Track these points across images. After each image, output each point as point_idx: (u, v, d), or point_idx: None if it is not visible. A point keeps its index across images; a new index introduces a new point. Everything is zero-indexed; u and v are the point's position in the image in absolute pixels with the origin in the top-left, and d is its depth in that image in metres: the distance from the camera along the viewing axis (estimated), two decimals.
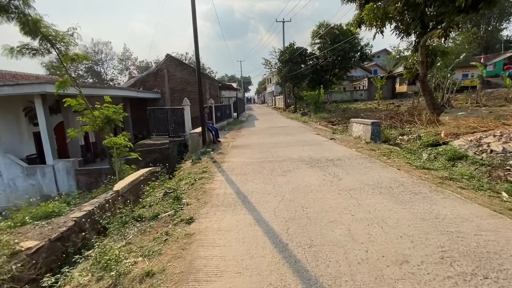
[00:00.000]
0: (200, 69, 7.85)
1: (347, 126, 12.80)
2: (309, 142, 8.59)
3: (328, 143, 8.32)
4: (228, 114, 18.19)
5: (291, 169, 5.31)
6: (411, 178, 4.38)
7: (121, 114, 8.14)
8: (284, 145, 8.13)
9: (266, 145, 8.29)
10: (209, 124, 9.43)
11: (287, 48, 27.60)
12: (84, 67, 63.92)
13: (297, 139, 9.22)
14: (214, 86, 19.53)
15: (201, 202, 3.78)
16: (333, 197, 3.69)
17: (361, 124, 9.13)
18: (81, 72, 63.21)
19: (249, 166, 5.75)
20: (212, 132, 9.34)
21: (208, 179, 4.94)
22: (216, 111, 14.48)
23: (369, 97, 35.43)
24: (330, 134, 10.56)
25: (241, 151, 7.52)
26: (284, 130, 12.50)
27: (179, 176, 5.45)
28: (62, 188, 10.20)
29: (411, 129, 9.88)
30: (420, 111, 12.43)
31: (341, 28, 27.39)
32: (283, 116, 23.88)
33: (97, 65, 64.95)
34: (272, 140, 9.31)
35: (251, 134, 11.65)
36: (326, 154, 6.57)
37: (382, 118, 12.54)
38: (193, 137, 8.08)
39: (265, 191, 4.09)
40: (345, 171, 4.94)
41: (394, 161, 5.69)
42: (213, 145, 8.93)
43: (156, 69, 19.25)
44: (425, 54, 10.35)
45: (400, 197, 3.56)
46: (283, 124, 15.51)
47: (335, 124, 14.74)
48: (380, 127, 8.45)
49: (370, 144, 7.77)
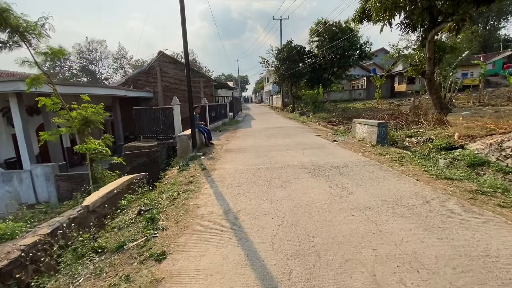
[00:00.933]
0: (189, 64, 7.08)
1: (348, 127, 12.11)
2: (309, 145, 7.86)
3: (331, 146, 7.59)
4: (223, 114, 17.41)
5: (291, 179, 4.57)
6: (434, 191, 3.67)
7: (101, 115, 7.33)
8: (283, 149, 7.39)
9: (262, 149, 7.55)
10: (201, 126, 8.66)
11: (285, 46, 26.85)
12: (78, 66, 62.72)
13: (297, 142, 8.49)
14: (209, 84, 18.72)
15: (180, 226, 3.02)
16: (346, 219, 2.96)
17: (365, 125, 8.42)
18: (75, 71, 61.96)
19: (243, 174, 5.00)
20: (204, 134, 8.58)
21: (194, 192, 4.18)
22: (210, 110, 13.70)
23: (367, 96, 34.90)
24: (331, 136, 9.85)
25: (235, 156, 6.76)
26: (282, 131, 11.77)
27: (160, 188, 4.68)
28: (41, 195, 9.36)
29: (418, 130, 9.21)
30: (425, 111, 11.77)
31: (340, 26, 26.70)
32: (280, 116, 23.16)
33: (91, 63, 63.70)
34: (269, 143, 8.57)
35: (247, 135, 10.90)
36: (330, 159, 5.85)
37: (386, 118, 11.86)
38: (182, 140, 7.31)
39: (261, 210, 3.35)
40: (355, 182, 4.22)
41: (408, 168, 4.98)
42: (205, 148, 8.17)
43: (148, 67, 18.40)
44: (433, 50, 9.67)
45: (429, 220, 2.84)
46: (281, 125, 14.78)
47: (335, 124, 14.05)
48: (387, 128, 7.75)
49: (377, 147, 7.07)
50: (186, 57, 7.00)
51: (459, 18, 7.90)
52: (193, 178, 5.01)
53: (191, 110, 7.12)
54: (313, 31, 27.95)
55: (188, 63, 7.08)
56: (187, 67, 7.04)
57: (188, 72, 7.00)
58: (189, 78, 6.99)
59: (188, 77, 6.98)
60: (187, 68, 7.02)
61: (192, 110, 7.14)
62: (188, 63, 7.06)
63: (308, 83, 27.74)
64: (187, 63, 7.04)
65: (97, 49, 63.14)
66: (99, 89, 12.35)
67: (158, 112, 8.81)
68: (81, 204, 4.39)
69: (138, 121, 9.27)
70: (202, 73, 19.69)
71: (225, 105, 18.90)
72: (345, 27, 26.34)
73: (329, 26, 26.52)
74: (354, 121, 9.32)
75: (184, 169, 5.79)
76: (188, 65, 7.04)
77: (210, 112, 13.47)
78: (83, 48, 61.65)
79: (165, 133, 8.79)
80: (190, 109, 7.11)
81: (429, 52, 9.69)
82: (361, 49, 27.30)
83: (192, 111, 7.13)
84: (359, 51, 27.30)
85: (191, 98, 7.04)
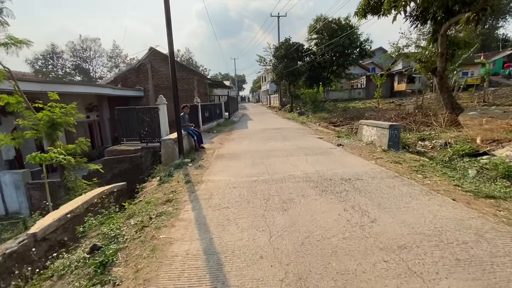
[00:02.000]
0: (173, 55, 6.13)
1: (352, 128, 11.26)
2: (312, 149, 6.96)
3: (337, 151, 6.70)
4: (218, 114, 16.46)
5: (294, 196, 3.67)
6: (484, 219, 2.79)
7: (74, 116, 6.35)
8: (282, 154, 6.48)
9: (259, 154, 6.64)
10: (190, 128, 7.72)
11: (283, 43, 25.97)
12: (71, 65, 61.31)
13: (298, 145, 7.59)
14: (203, 83, 17.74)
15: (140, 280, 2.10)
16: (377, 270, 2.06)
17: (374, 127, 7.55)
18: (68, 69, 60.50)
19: (235, 190, 4.08)
20: (194, 137, 7.64)
21: (170, 217, 3.25)
22: (204, 110, 12.76)
23: (367, 95, 34.23)
24: (335, 138, 8.97)
25: (227, 164, 5.84)
26: (281, 132, 10.86)
27: (130, 210, 3.74)
28: (11, 206, 8.35)
29: (430, 133, 8.38)
30: (434, 111, 10.96)
31: (340, 23, 25.85)
32: (278, 115, 22.27)
33: (85, 62, 62.30)
34: (267, 147, 7.65)
35: (242, 137, 9.98)
36: (339, 169, 4.95)
37: (392, 119, 11.03)
38: (167, 145, 6.36)
39: (256, 249, 2.43)
40: (376, 202, 3.33)
41: (435, 182, 4.10)
42: (194, 154, 7.23)
43: (139, 64, 17.37)
44: (445, 44, 8.84)
45: (500, 275, 1.95)
46: (279, 125, 13.88)
47: (337, 125, 13.19)
48: (400, 131, 6.89)
49: (389, 153, 6.20)
50: (170, 46, 6.05)
51: (480, 7, 7.06)
52: (174, 194, 4.07)
53: (177, 110, 6.18)
54: (312, 28, 27.05)
55: (173, 53, 6.13)
56: (172, 56, 6.09)
57: (173, 65, 6.06)
58: (174, 72, 6.05)
59: (173, 71, 6.04)
60: (172, 59, 6.07)
61: (177, 110, 6.19)
62: (172, 52, 6.11)
63: (307, 82, 26.87)
64: (171, 52, 6.09)
65: (91, 47, 61.90)
66: (81, 87, 11.32)
67: (141, 112, 7.84)
68: (27, 231, 3.44)
69: (120, 123, 8.29)
70: (195, 71, 18.70)
71: (220, 105, 17.94)
72: (345, 24, 25.51)
73: (329, 23, 25.65)
74: (361, 123, 8.45)
75: (165, 181, 4.85)
76: (172, 53, 6.08)
77: (203, 112, 12.53)
78: (77, 46, 60.35)
79: (150, 136, 7.84)
80: (176, 109, 6.17)
81: (442, 47, 8.85)
82: (361, 47, 26.47)
83: (178, 112, 6.19)
84: (359, 49, 26.47)
85: (176, 96, 6.10)
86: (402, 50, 29.02)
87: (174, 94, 6.08)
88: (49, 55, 56.80)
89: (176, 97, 6.10)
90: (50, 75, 54.48)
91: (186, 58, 64.83)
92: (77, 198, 4.65)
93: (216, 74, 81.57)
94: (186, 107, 7.71)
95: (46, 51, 56.45)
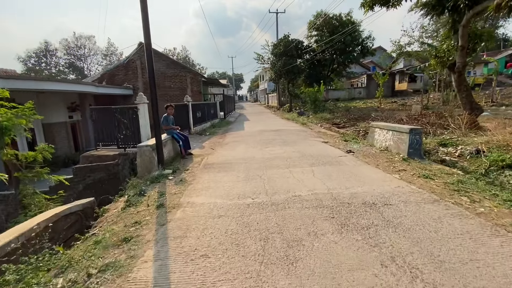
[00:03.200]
0: (150, 40, 4.98)
1: (358, 131, 10.19)
2: (318, 157, 5.88)
3: (348, 160, 5.62)
4: (212, 114, 15.32)
5: (303, 235, 2.58)
6: None
7: (29, 118, 5.18)
8: (283, 164, 5.39)
9: (256, 163, 5.54)
10: (175, 131, 6.59)
11: (281, 40, 24.87)
12: (65, 62, 59.86)
13: (301, 151, 6.51)
14: (196, 80, 16.57)
15: None
16: None
17: (389, 130, 6.49)
18: (61, 67, 59.00)
19: (220, 222, 2.98)
20: (179, 141, 6.52)
21: (117, 276, 2.14)
22: (196, 110, 11.62)
23: (367, 95, 33.32)
24: (341, 143, 7.91)
25: (215, 177, 4.73)
26: (281, 135, 9.77)
27: (66, 258, 2.59)
28: None
29: (451, 137, 7.34)
30: (451, 112, 9.95)
31: (341, 19, 24.82)
32: (277, 116, 21.18)
33: (79, 60, 60.79)
34: (265, 153, 6.56)
35: (237, 141, 8.87)
36: (357, 186, 3.88)
37: (403, 120, 10.00)
38: (143, 153, 5.24)
39: None
40: (425, 250, 2.24)
41: (489, 209, 3.04)
42: (179, 162, 6.12)
43: (127, 60, 16.15)
44: (467, 37, 7.81)
45: None
46: (278, 127, 12.79)
47: (340, 126, 12.14)
48: (422, 136, 5.83)
49: (412, 163, 5.14)
50: (147, 38, 4.92)
51: None
52: (136, 227, 2.96)
53: (155, 110, 5.06)
54: (311, 24, 25.98)
55: (150, 44, 5.00)
56: (148, 47, 4.96)
57: (150, 50, 4.92)
58: (150, 58, 4.92)
59: (149, 58, 4.91)
60: (147, 41, 4.94)
61: (155, 110, 5.06)
62: (149, 44, 4.98)
63: (306, 81, 25.83)
64: (148, 43, 4.96)
65: (85, 45, 60.52)
66: (56, 84, 10.11)
67: (118, 112, 6.69)
68: None
69: (96, 124, 7.14)
70: (189, 68, 17.52)
71: (215, 104, 16.79)
72: (346, 20, 24.48)
73: (329, 19, 24.60)
74: (372, 125, 7.38)
75: (132, 204, 3.73)
76: (148, 34, 4.95)
77: (195, 112, 11.40)
78: (71, 44, 58.99)
79: (129, 141, 6.71)
80: (154, 109, 5.05)
81: (463, 39, 7.82)
82: (362, 44, 25.44)
83: (156, 112, 5.06)
84: (361, 47, 25.44)
85: (154, 92, 4.99)
86: (404, 48, 28.13)
87: (151, 90, 4.97)
88: (42, 52, 55.40)
89: (154, 94, 4.99)
90: (43, 73, 52.99)
91: (183, 57, 63.55)
92: (13, 229, 3.52)
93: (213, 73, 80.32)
94: (170, 107, 6.58)
95: (39, 49, 55.05)
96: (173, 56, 55.62)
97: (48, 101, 12.95)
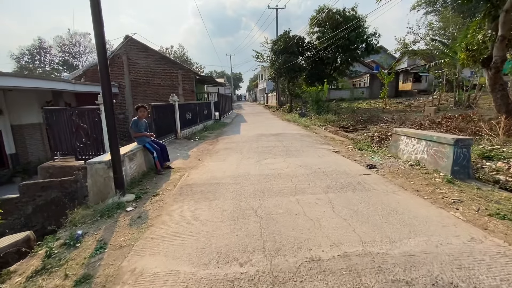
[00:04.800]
0: (105, 47, 3.47)
1: (371, 137, 8.75)
2: (333, 175, 4.46)
3: (374, 180, 4.20)
4: (205, 115, 13.87)
5: None
6: None
7: None
8: (288, 187, 3.96)
9: (250, 186, 4.11)
10: (147, 139, 5.15)
11: (282, 36, 23.45)
12: (59, 60, 58.30)
13: (309, 166, 5.09)
14: (188, 78, 15.08)
15: None
16: None
17: (421, 140, 5.08)
18: (55, 65, 57.38)
19: None
20: (154, 153, 5.07)
21: None
22: (184, 111, 10.16)
23: (370, 95, 32.02)
24: (355, 152, 6.51)
25: (190, 212, 3.29)
26: (282, 141, 8.35)
27: None
28: None
29: (493, 146, 5.95)
30: (480, 115, 8.56)
31: (344, 14, 23.39)
32: (277, 117, 19.75)
33: (74, 58, 59.16)
34: (263, 168, 5.13)
35: (230, 149, 7.44)
36: (406, 237, 2.46)
37: (424, 124, 8.58)
38: (96, 172, 3.79)
39: None
40: None
41: None
42: (152, 179, 4.68)
43: (112, 55, 14.64)
44: (510, 25, 6.44)
45: None
46: (278, 130, 11.36)
47: (349, 130, 10.72)
48: (470, 149, 4.42)
49: (463, 186, 3.74)
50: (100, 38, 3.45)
51: None
52: None
53: (108, 111, 3.59)
54: (313, 20, 24.52)
55: (104, 45, 3.51)
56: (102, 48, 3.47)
57: (101, 34, 3.44)
58: (101, 42, 3.45)
59: (100, 50, 3.43)
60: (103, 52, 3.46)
61: (109, 111, 3.60)
62: (103, 45, 3.50)
63: (308, 80, 24.38)
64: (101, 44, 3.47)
65: (80, 43, 59.02)
66: (23, 80, 8.58)
67: (76, 115, 5.24)
68: None
69: (51, 130, 5.67)
70: (180, 64, 16.02)
71: (209, 104, 15.33)
72: (351, 16, 23.05)
73: (332, 14, 23.16)
74: (397, 132, 5.95)
75: (48, 267, 2.29)
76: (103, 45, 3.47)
77: (183, 113, 9.95)
78: (65, 41, 57.50)
79: (90, 150, 5.27)
80: (106, 106, 3.59)
81: (504, 28, 6.44)
82: (367, 41, 24.01)
83: (109, 113, 3.60)
84: (365, 44, 24.00)
85: (107, 86, 3.53)
86: (410, 46, 26.73)
87: (102, 83, 3.51)
88: (36, 50, 53.95)
89: (107, 88, 3.52)
90: (36, 71, 51.43)
91: (180, 55, 62.02)
92: None
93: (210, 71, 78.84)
94: (142, 109, 5.12)
95: (32, 46, 53.57)
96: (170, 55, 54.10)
97: (18, 100, 11.47)
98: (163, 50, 55.64)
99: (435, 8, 35.74)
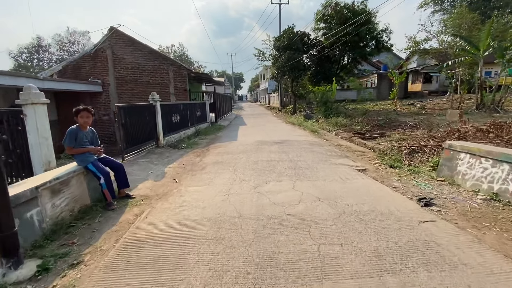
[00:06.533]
0: None
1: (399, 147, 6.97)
2: (375, 222, 2.77)
3: (447, 237, 2.49)
4: (198, 118, 12.18)
5: None
6: None
7: None
8: (306, 258, 2.28)
9: (241, 245, 2.42)
10: (91, 158, 3.47)
11: (285, 32, 21.76)
12: (57, 58, 57.27)
13: (332, 199, 3.40)
14: (181, 75, 13.40)
15: None
16: None
17: (503, 163, 3.37)
18: (54, 64, 56.32)
19: None
20: (100, 178, 3.40)
21: None
22: (169, 113, 8.49)
23: (378, 96, 30.19)
24: (386, 170, 4.81)
25: None
26: (287, 152, 6.65)
27: None
28: None
29: None
30: None
31: (353, 8, 21.64)
32: (279, 119, 18.03)
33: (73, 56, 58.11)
34: (262, 201, 3.44)
35: (221, 163, 5.74)
36: None
37: (469, 133, 6.85)
38: None
39: None
40: None
41: None
42: (93, 221, 3.01)
43: (95, 49, 13.01)
44: None
45: None
46: (282, 136, 9.66)
47: (366, 137, 8.99)
48: None
49: None
50: None
51: None
52: None
53: None
54: (319, 15, 22.81)
55: None
56: None
57: None
58: None
59: None
60: None
61: None
62: None
63: (313, 79, 22.69)
64: None
65: (79, 41, 58.09)
66: None
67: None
68: None
69: None
70: (171, 59, 14.37)
71: (203, 105, 13.64)
72: (360, 10, 21.30)
73: (340, 9, 21.44)
74: (455, 147, 4.20)
75: None
76: None
77: (168, 116, 8.28)
78: (64, 39, 56.64)
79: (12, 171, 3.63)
80: None
81: None
82: (377, 38, 22.24)
83: None
84: (375, 41, 22.22)
85: None
86: (421, 44, 24.88)
87: None
88: (35, 48, 53.10)
89: None
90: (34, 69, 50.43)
91: (180, 54, 60.58)
92: None
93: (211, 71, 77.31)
94: (84, 113, 3.44)
95: (31, 44, 52.75)
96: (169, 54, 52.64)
97: None
98: (162, 49, 54.12)
99: (443, 7, 33.89)
